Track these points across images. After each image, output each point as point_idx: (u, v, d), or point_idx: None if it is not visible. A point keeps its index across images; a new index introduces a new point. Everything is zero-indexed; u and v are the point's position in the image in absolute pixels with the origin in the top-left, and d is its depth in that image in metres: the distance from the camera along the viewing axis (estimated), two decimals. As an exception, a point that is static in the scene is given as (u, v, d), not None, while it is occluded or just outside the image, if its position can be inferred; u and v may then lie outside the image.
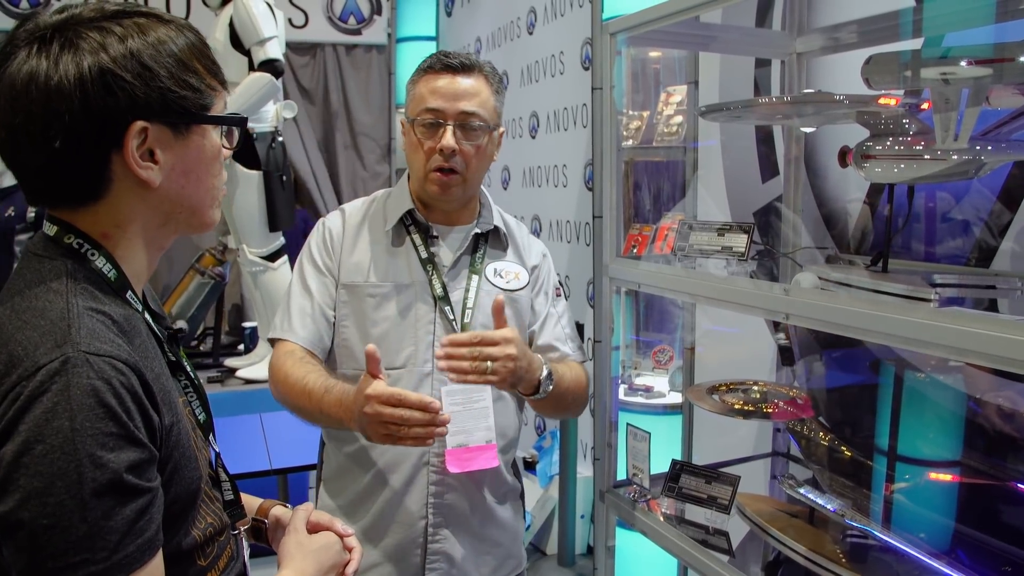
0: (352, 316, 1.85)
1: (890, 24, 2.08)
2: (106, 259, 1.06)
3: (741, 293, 1.84)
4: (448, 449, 1.79)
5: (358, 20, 6.07)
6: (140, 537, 0.94)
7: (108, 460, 0.91)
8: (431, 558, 1.82)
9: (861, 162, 1.74)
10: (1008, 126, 1.59)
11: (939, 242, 2.12)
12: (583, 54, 4.04)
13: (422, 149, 1.81)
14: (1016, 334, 1.26)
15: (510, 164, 5.02)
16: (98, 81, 0.98)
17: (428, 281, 1.84)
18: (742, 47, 2.76)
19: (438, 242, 1.89)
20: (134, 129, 1.01)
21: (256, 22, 3.98)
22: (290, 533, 1.28)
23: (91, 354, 0.94)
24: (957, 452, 2.04)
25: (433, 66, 1.83)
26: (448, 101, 1.79)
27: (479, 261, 1.91)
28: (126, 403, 0.94)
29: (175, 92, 1.03)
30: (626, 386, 3.49)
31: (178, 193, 1.08)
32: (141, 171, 1.03)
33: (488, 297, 1.85)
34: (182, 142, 1.07)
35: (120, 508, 0.92)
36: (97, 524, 0.90)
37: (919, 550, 1.83)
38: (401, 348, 1.82)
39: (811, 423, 2.23)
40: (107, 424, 0.92)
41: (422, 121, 1.80)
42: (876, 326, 1.52)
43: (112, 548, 0.91)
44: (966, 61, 1.48)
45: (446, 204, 1.88)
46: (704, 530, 2.09)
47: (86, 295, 1.01)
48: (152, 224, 1.09)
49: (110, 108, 0.99)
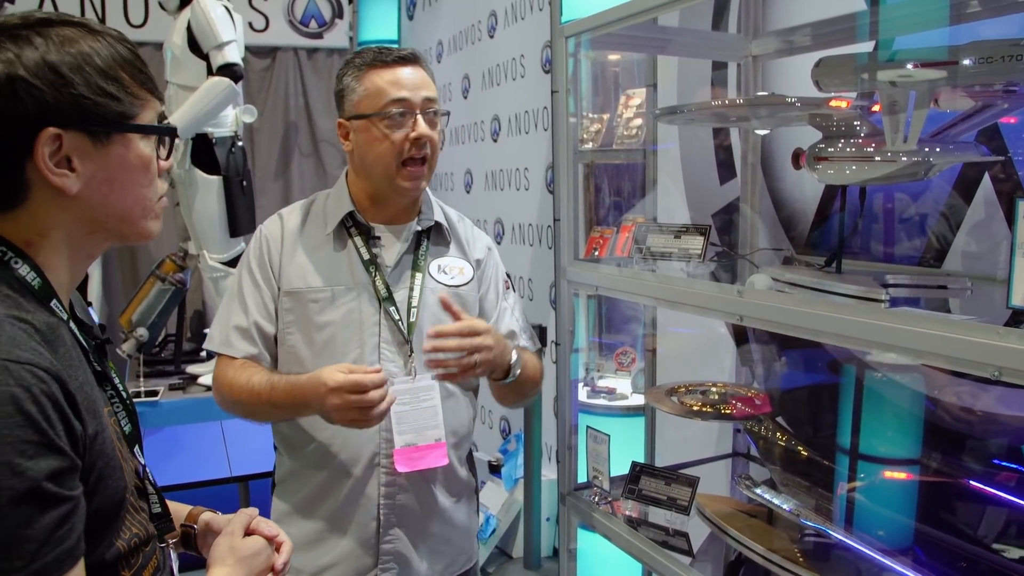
0: (297, 323, 1.83)
1: (844, 27, 2.11)
2: (30, 267, 1.04)
3: (696, 295, 1.85)
4: (396, 449, 1.79)
5: (319, 24, 6.04)
6: (60, 546, 0.92)
7: (27, 468, 0.89)
8: (383, 559, 1.82)
9: (814, 164, 1.75)
10: (956, 128, 1.61)
11: (893, 243, 2.14)
12: (543, 57, 4.04)
13: (388, 142, 1.78)
14: (963, 334, 1.28)
15: (472, 167, 5.01)
16: (6, 87, 0.97)
17: (371, 282, 1.83)
18: (698, 50, 2.78)
19: (380, 243, 1.87)
20: (44, 136, 0.99)
21: (214, 26, 3.94)
22: (225, 535, 1.26)
23: (10, 361, 0.92)
24: (913, 450, 2.06)
25: (382, 59, 1.80)
26: (412, 91, 1.79)
27: (422, 259, 1.89)
28: (46, 411, 0.93)
29: (90, 99, 1.02)
30: (589, 388, 3.49)
31: (101, 202, 1.07)
32: (55, 178, 1.01)
33: (433, 295, 1.86)
34: (102, 151, 1.05)
35: (39, 516, 0.90)
36: (14, 533, 0.89)
37: (875, 548, 1.85)
38: (348, 351, 1.80)
39: (768, 424, 2.25)
40: (26, 432, 0.90)
41: (388, 113, 1.77)
42: (828, 327, 1.54)
43: (29, 557, 0.89)
44: (913, 64, 1.50)
45: (412, 196, 1.87)
46: (665, 531, 2.10)
47: (8, 303, 0.99)
48: (78, 232, 1.08)
49: (17, 114, 0.98)
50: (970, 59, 1.44)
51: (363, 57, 1.83)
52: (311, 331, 1.82)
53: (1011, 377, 1.20)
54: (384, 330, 1.82)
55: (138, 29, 5.58)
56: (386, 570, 1.82)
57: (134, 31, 5.58)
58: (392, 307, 1.83)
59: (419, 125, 1.78)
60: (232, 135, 4.12)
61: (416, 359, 1.83)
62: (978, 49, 1.44)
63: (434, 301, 1.84)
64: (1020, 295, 1.22)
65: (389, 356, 1.82)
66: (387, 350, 1.82)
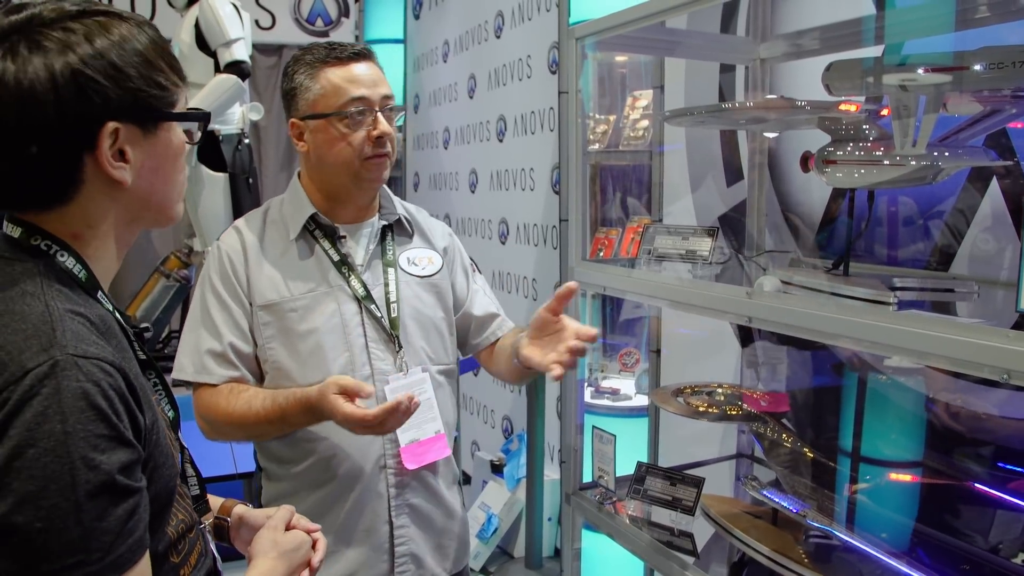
0: (278, 336, 1.78)
1: (852, 31, 2.12)
2: (75, 259, 1.05)
3: (704, 296, 1.86)
4: (402, 447, 1.77)
5: (325, 22, 6.06)
6: (131, 537, 0.94)
7: (101, 462, 0.91)
8: (399, 561, 1.80)
9: (823, 167, 1.76)
10: (965, 132, 1.62)
11: (900, 246, 2.15)
12: (550, 58, 4.05)
13: (348, 142, 1.74)
14: (970, 336, 1.29)
15: (477, 167, 5.02)
16: (71, 84, 0.97)
17: (347, 283, 1.80)
18: (707, 52, 2.79)
19: (346, 242, 1.83)
20: (107, 130, 1.00)
21: (222, 23, 3.96)
22: (268, 528, 1.28)
23: (79, 356, 0.94)
24: (918, 453, 2.07)
25: (336, 56, 1.76)
26: (370, 88, 1.75)
27: (391, 253, 1.87)
28: (115, 404, 0.94)
29: (145, 92, 1.03)
30: (593, 389, 3.50)
31: (148, 190, 1.08)
32: (114, 171, 1.03)
33: (408, 287, 1.85)
34: (151, 140, 1.06)
35: (113, 509, 0.92)
36: (91, 526, 0.90)
37: (880, 550, 1.86)
38: (336, 357, 1.77)
39: (774, 425, 2.26)
40: (98, 426, 0.92)
41: (348, 112, 1.73)
42: (836, 329, 1.54)
43: (106, 549, 0.91)
44: (923, 69, 1.51)
45: (376, 189, 1.85)
46: (669, 532, 2.11)
47: (62, 297, 1.00)
48: (122, 222, 1.09)
49: (84, 111, 0.98)
50: (980, 64, 1.44)
51: (314, 54, 1.78)
52: (294, 342, 1.77)
53: (1020, 380, 1.21)
54: (369, 329, 1.80)
55: (145, 26, 5.60)
56: (403, 572, 1.81)
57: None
58: (372, 305, 1.80)
59: (380, 123, 1.75)
60: (238, 132, 4.13)
61: (405, 354, 1.81)
62: (988, 54, 1.44)
63: (410, 294, 1.84)
64: (1029, 299, 1.23)
65: (378, 355, 1.80)
66: (375, 349, 1.80)
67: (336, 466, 1.77)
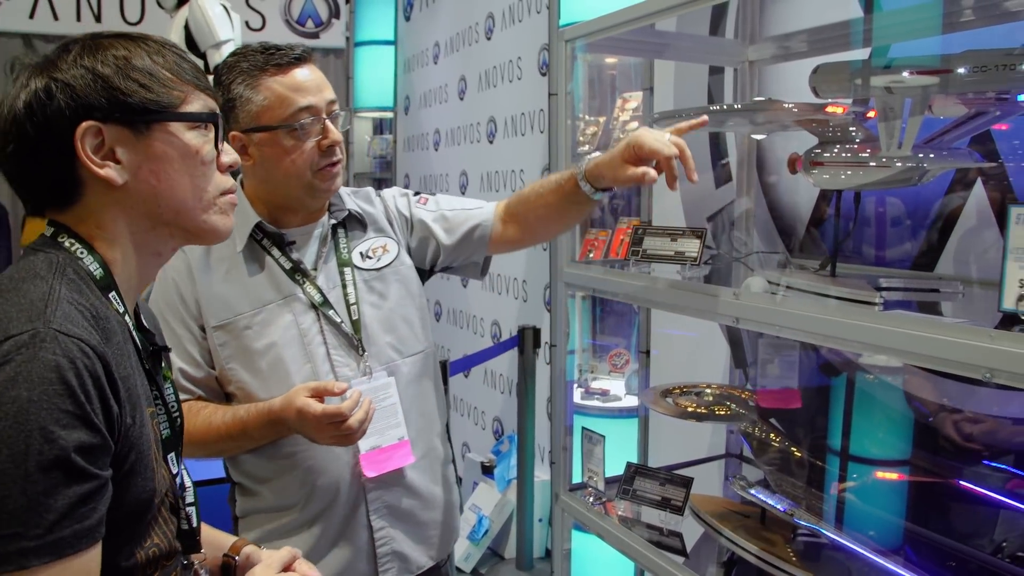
0: (237, 356, 1.72)
1: (839, 34, 2.13)
2: (93, 258, 1.08)
3: (692, 297, 1.87)
4: (362, 454, 1.74)
5: (316, 24, 6.06)
6: (79, 523, 0.93)
7: (59, 436, 0.91)
8: (381, 561, 1.79)
9: (810, 169, 1.77)
10: (950, 134, 1.63)
11: (886, 246, 2.17)
12: (540, 60, 4.06)
13: (299, 154, 1.67)
14: (956, 336, 1.30)
15: (468, 169, 5.02)
16: (43, 91, 1.03)
17: (301, 291, 1.75)
18: (696, 55, 2.80)
19: (296, 247, 1.77)
20: (81, 129, 1.04)
21: (212, 25, 3.96)
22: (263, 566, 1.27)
23: (61, 332, 0.95)
24: (904, 452, 2.09)
25: (276, 62, 1.66)
26: (315, 94, 1.67)
27: (344, 252, 1.81)
28: (86, 385, 0.95)
29: (119, 89, 1.06)
30: (583, 390, 3.51)
31: (151, 193, 1.10)
32: (99, 170, 1.06)
33: (365, 284, 1.80)
34: (144, 141, 1.09)
35: (63, 488, 0.91)
36: (36, 499, 0.89)
37: (868, 548, 1.87)
38: (297, 370, 1.72)
39: (762, 425, 2.27)
40: (64, 401, 0.92)
41: (295, 123, 1.65)
42: (823, 329, 1.56)
43: (47, 527, 0.90)
44: (909, 71, 1.52)
45: (330, 196, 1.80)
46: (659, 532, 2.11)
47: (72, 286, 1.03)
48: (139, 227, 1.12)
49: (55, 111, 1.03)
50: (965, 67, 1.46)
51: (251, 60, 1.66)
52: (254, 360, 1.71)
53: (1002, 379, 1.23)
54: (329, 336, 1.75)
55: (134, 26, 5.59)
56: (387, 571, 1.80)
57: (130, 28, 5.57)
58: (331, 311, 1.75)
59: (330, 132, 1.69)
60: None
61: (369, 357, 1.77)
62: (973, 58, 1.46)
63: (368, 290, 1.79)
64: (1011, 298, 1.24)
65: (341, 361, 1.75)
66: (337, 356, 1.75)
67: (310, 478, 1.74)
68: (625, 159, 1.70)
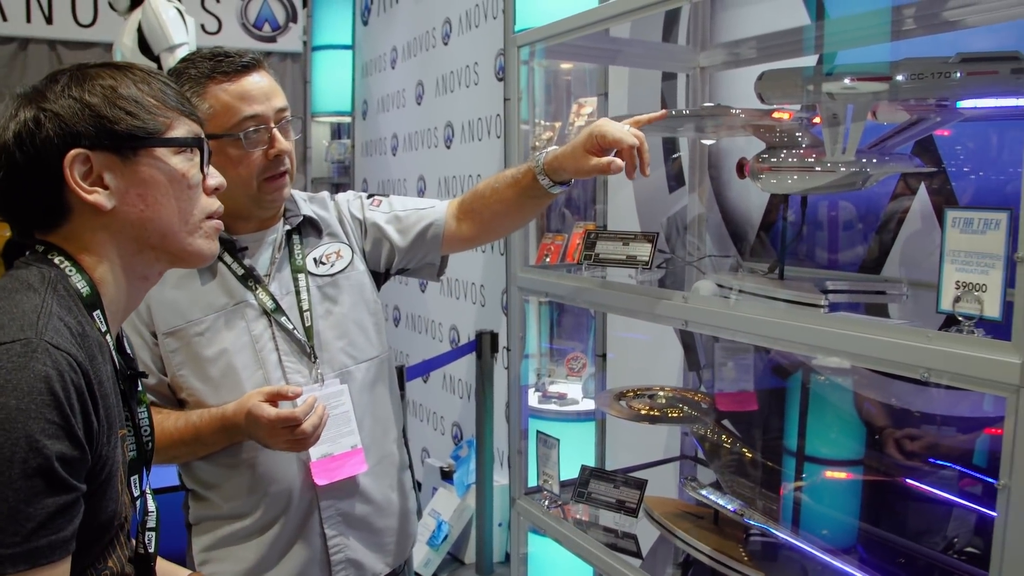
0: (188, 363, 1.69)
1: (789, 41, 2.17)
2: (81, 276, 1.10)
3: (642, 301, 1.88)
4: (313, 461, 1.72)
5: (273, 27, 6.02)
6: (55, 534, 0.94)
7: (44, 446, 0.92)
8: (336, 568, 1.77)
9: (758, 174, 1.80)
10: (893, 140, 1.67)
11: (835, 249, 2.21)
12: (497, 65, 4.07)
13: (244, 164, 1.64)
14: (895, 337, 1.33)
15: (425, 174, 5.02)
16: (32, 121, 1.06)
17: (253, 297, 1.73)
18: (648, 61, 2.83)
19: (248, 254, 1.75)
20: (70, 156, 1.06)
21: (165, 28, 3.91)
22: None
23: (52, 345, 0.97)
24: (853, 451, 2.12)
25: (223, 70, 1.62)
26: (263, 103, 1.64)
27: (299, 258, 1.79)
28: (72, 399, 0.96)
29: (107, 117, 1.09)
30: (540, 394, 3.52)
31: (138, 217, 1.13)
32: (88, 196, 1.08)
33: (318, 290, 1.78)
34: (131, 167, 1.11)
35: (43, 498, 0.92)
36: (16, 507, 0.90)
37: (818, 547, 1.90)
38: (248, 377, 1.70)
39: (714, 427, 2.30)
40: (51, 412, 0.94)
41: (240, 132, 1.62)
42: (769, 332, 1.58)
43: (25, 535, 0.91)
44: (850, 78, 1.55)
45: (279, 205, 1.77)
46: (614, 534, 2.13)
47: (61, 303, 1.05)
48: (126, 251, 1.14)
49: (44, 140, 1.06)
50: (903, 75, 1.49)
51: (199, 67, 1.63)
52: (204, 367, 1.69)
53: (938, 378, 1.26)
54: (281, 343, 1.73)
55: (87, 29, 5.51)
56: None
57: (82, 31, 5.51)
58: (283, 317, 1.73)
59: (278, 141, 1.66)
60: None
61: (322, 364, 1.76)
62: (911, 66, 1.49)
63: (322, 297, 1.78)
64: (948, 300, 1.27)
65: (293, 368, 1.73)
66: (289, 363, 1.73)
67: (262, 485, 1.72)
68: (587, 149, 1.69)
